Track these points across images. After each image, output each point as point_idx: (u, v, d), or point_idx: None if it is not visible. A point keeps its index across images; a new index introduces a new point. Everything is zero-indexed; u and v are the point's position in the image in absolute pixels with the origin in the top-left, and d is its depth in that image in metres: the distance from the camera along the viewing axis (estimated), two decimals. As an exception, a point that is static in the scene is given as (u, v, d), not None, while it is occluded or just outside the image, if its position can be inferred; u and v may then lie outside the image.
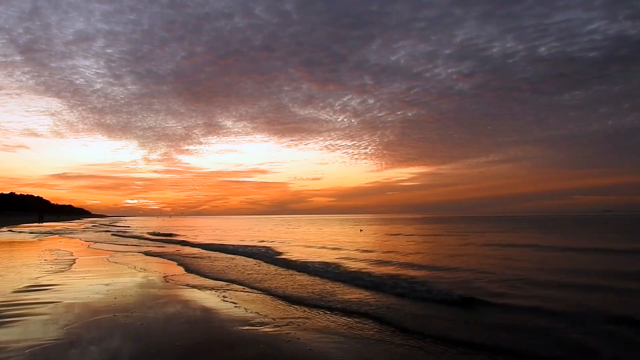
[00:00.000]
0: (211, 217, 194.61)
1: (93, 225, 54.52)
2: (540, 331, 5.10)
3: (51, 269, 11.00)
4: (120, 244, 21.65)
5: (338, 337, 5.14)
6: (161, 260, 13.86)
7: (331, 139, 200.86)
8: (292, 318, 6.02)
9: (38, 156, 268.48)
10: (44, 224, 57.59)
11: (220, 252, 16.67)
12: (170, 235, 29.13)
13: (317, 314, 6.34)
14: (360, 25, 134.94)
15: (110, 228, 45.12)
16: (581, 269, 10.21)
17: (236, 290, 8.20)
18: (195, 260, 13.51)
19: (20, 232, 32.85)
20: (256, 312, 6.35)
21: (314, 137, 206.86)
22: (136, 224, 61.71)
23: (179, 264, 12.62)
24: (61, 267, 11.55)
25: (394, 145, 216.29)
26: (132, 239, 25.59)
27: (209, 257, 14.78)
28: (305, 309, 6.66)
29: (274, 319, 5.93)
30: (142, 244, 21.37)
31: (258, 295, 7.79)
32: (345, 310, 6.50)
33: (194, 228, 45.57)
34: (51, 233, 31.62)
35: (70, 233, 32.60)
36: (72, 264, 12.21)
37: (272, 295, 7.78)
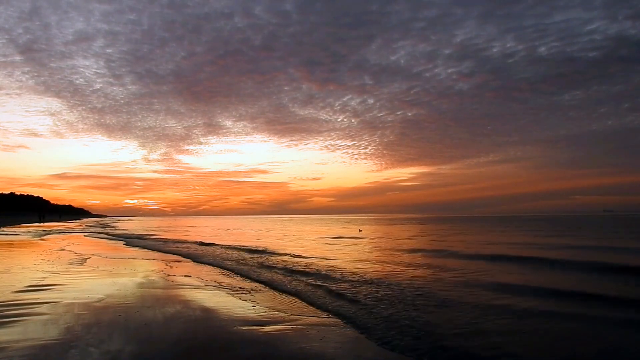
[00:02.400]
0: (210, 217, 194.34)
1: (91, 226, 54.53)
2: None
3: (51, 269, 11.01)
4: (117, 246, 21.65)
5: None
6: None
7: (331, 139, 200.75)
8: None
9: (38, 156, 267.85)
10: (45, 224, 57.76)
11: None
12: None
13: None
14: (360, 25, 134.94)
15: (107, 229, 45.10)
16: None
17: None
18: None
19: (19, 232, 32.85)
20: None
21: (314, 137, 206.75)
22: (136, 225, 61.73)
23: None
24: (61, 266, 11.56)
25: (394, 145, 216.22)
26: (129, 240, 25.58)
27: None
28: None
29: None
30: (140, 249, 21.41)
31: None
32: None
33: (173, 229, 45.66)
34: (49, 233, 31.65)
35: (70, 233, 32.62)
36: (72, 264, 12.22)
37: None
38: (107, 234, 32.58)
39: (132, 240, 24.98)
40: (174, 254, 16.39)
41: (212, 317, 6.13)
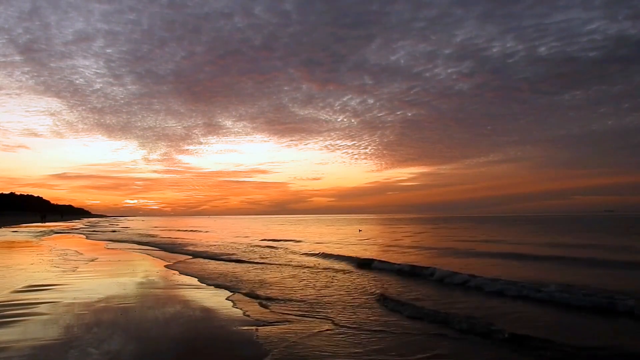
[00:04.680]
0: (205, 217, 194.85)
1: (91, 226, 54.61)
2: None
3: (51, 269, 11.03)
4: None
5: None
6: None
7: (331, 139, 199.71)
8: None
9: (38, 156, 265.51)
10: (47, 223, 58.04)
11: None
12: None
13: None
14: (360, 25, 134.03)
15: (108, 229, 45.13)
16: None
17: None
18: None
19: (21, 232, 32.88)
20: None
21: (314, 137, 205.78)
22: (136, 225, 61.87)
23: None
24: (61, 266, 11.56)
25: (394, 145, 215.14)
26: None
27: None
28: None
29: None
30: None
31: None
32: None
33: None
34: (51, 233, 31.69)
35: (70, 233, 32.65)
36: (72, 264, 12.22)
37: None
38: (107, 234, 32.63)
39: (130, 241, 25.03)
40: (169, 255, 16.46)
41: (212, 317, 6.15)
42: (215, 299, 7.50)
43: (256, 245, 20.02)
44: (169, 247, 18.92)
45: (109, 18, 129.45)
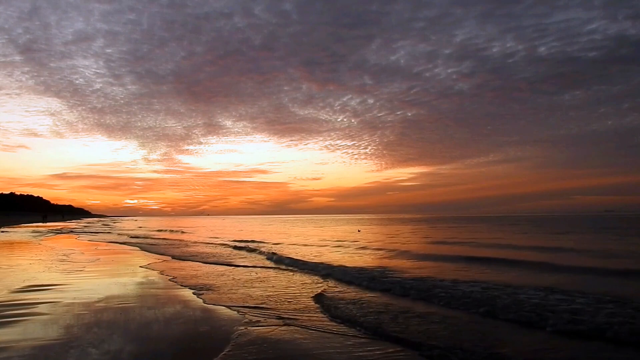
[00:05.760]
0: (206, 217, 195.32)
1: (91, 226, 54.63)
2: None
3: (51, 269, 11.05)
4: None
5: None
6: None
7: (331, 139, 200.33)
8: None
9: (38, 156, 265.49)
10: (48, 223, 58.19)
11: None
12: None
13: None
14: (360, 25, 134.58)
15: (109, 229, 45.18)
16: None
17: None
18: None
19: (23, 232, 32.90)
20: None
21: (313, 137, 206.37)
22: (127, 225, 62.02)
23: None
24: (61, 266, 11.58)
25: (394, 145, 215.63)
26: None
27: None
28: None
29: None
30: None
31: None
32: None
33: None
34: (51, 233, 31.71)
35: (71, 233, 32.68)
36: (72, 264, 12.24)
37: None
38: (96, 235, 32.66)
39: (130, 242, 25.09)
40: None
41: (212, 317, 6.17)
42: (184, 298, 7.55)
43: (225, 246, 20.28)
44: (148, 248, 19.22)
45: (109, 18, 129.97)
